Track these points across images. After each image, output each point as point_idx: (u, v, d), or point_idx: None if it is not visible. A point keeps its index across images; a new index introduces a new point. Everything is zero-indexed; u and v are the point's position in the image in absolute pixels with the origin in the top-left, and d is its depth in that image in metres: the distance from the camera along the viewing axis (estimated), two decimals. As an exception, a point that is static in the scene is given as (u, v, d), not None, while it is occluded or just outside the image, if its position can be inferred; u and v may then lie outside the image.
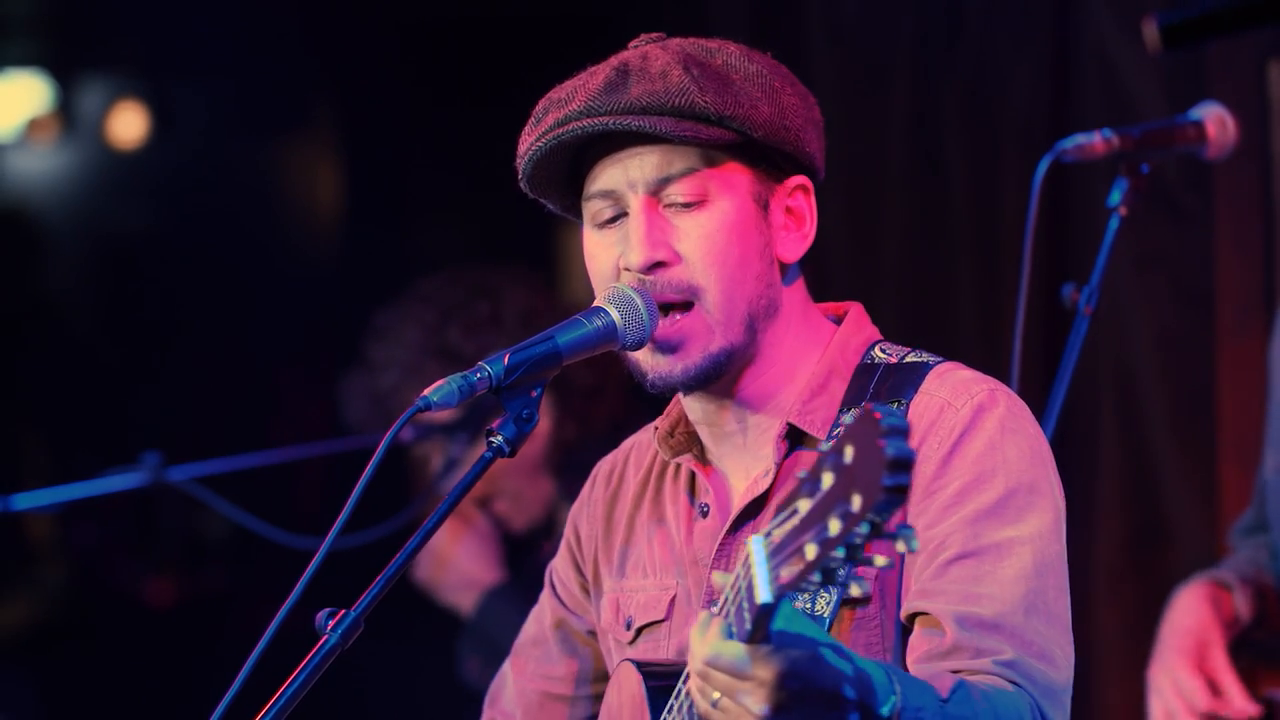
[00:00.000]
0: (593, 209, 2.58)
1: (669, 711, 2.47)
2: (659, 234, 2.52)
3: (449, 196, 6.81)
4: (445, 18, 6.46)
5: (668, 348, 2.52)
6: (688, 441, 2.66)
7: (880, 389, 2.54)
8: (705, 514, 2.62)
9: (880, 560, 2.00)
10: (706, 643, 2.15)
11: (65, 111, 6.55)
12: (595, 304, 2.53)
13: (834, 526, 1.98)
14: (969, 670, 2.35)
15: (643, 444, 2.77)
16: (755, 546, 2.08)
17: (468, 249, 6.70)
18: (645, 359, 2.54)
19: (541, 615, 2.86)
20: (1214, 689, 3.61)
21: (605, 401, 4.41)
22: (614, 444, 4.47)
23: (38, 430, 6.67)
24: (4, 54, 6.48)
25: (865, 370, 2.58)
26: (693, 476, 2.67)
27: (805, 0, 5.21)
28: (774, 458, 2.55)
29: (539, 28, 6.38)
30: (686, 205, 2.52)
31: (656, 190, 2.52)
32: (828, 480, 2.01)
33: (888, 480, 1.93)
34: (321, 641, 2.36)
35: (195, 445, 4.71)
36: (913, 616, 2.43)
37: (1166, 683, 3.63)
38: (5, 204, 6.64)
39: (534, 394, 2.46)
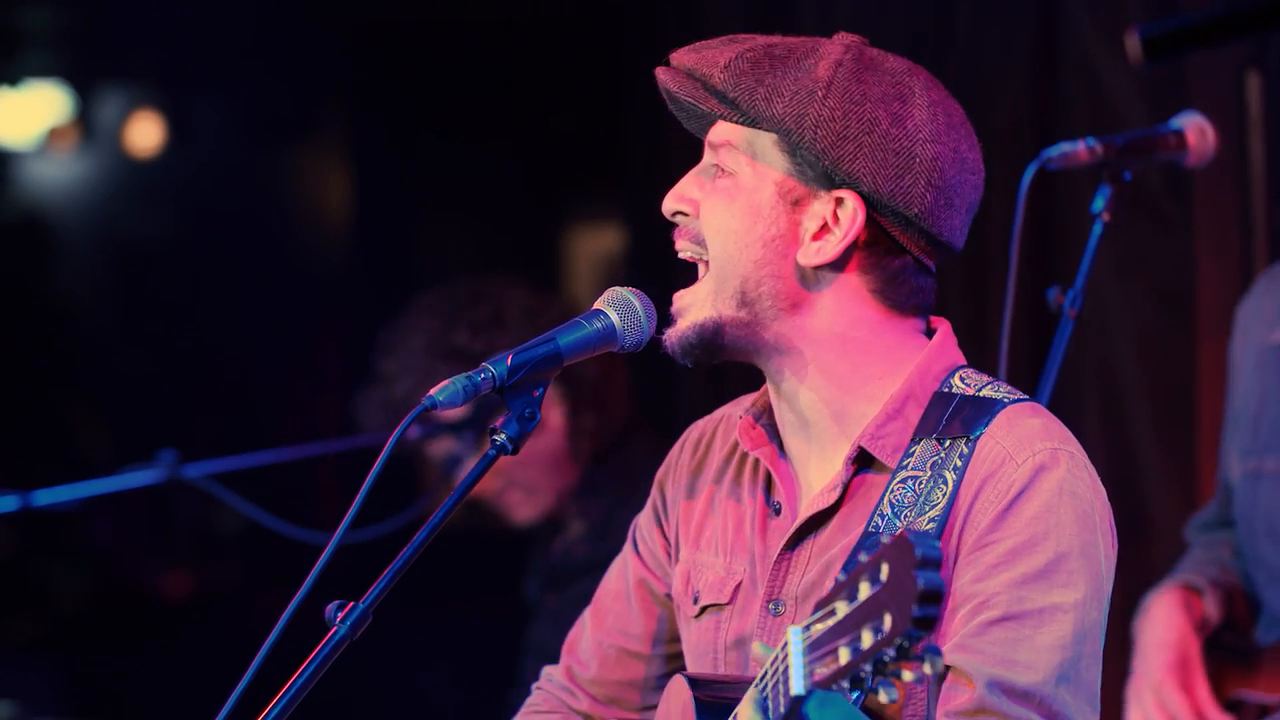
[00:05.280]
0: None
1: None
2: (693, 187, 2.59)
3: (457, 203, 6.86)
4: (453, 25, 6.52)
5: (670, 320, 2.58)
6: (770, 433, 2.65)
7: (953, 422, 2.52)
8: (778, 512, 2.62)
9: (908, 675, 2.04)
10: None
11: (84, 121, 6.61)
12: (595, 306, 2.55)
13: (866, 639, 2.04)
14: None
15: (731, 418, 2.74)
16: (794, 638, 2.15)
17: (474, 254, 6.76)
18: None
19: (624, 570, 2.83)
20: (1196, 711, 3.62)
21: (617, 387, 4.43)
22: (651, 428, 4.50)
23: (55, 430, 6.75)
24: (24, 65, 6.53)
25: (941, 399, 2.54)
26: (769, 472, 2.65)
27: (799, 7, 5.19)
28: (843, 475, 2.55)
29: (544, 31, 6.44)
30: (722, 171, 2.57)
31: (714, 149, 2.59)
32: (864, 591, 2.06)
33: (918, 611, 1.99)
34: (331, 633, 2.39)
35: (210, 443, 4.80)
36: (947, 666, 2.42)
37: (1150, 698, 3.63)
38: (25, 211, 6.69)
39: (536, 393, 2.49)
